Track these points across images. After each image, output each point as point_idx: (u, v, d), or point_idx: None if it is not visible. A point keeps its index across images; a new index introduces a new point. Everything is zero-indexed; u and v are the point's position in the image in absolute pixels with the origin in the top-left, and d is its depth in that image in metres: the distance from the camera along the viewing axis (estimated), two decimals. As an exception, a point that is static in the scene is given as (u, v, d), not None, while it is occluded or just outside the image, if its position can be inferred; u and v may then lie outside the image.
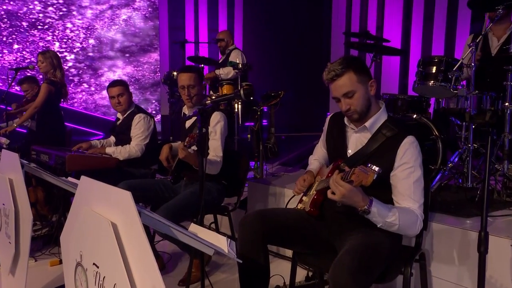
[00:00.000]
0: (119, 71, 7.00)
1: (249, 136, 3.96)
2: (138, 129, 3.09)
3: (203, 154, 1.83)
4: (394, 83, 6.33)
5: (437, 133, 2.76)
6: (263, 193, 3.13)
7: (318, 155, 2.11)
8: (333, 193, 1.54)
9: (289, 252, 2.76)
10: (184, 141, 2.25)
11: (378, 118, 1.75)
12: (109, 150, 3.05)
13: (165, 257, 2.86)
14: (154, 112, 7.36)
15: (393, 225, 1.61)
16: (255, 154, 3.93)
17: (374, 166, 1.43)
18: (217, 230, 2.87)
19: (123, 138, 3.18)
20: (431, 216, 2.24)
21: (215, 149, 2.48)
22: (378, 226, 1.61)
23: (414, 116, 2.88)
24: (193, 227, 1.39)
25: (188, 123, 2.67)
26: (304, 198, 1.93)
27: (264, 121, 4.38)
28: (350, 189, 1.51)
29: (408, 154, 1.66)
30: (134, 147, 3.07)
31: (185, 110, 2.69)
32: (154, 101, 7.27)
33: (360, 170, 1.45)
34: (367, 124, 1.75)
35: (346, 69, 1.67)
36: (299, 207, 1.92)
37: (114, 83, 3.17)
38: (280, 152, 4.07)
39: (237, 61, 4.02)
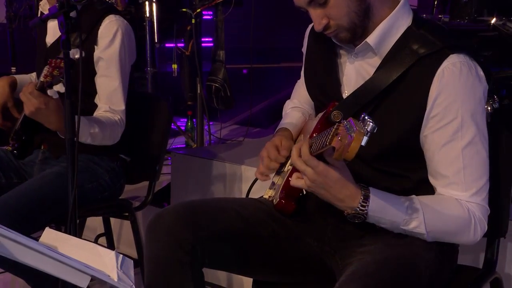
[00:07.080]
0: None
1: (174, 67, 4.00)
2: None
3: (74, 103, 1.79)
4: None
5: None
6: (203, 174, 3.17)
7: (300, 98, 2.17)
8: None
9: (247, 283, 2.81)
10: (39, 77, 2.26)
11: (393, 25, 1.75)
12: None
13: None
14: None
15: (417, 234, 1.68)
16: (187, 102, 3.99)
17: (369, 120, 1.42)
18: (110, 247, 2.88)
19: None
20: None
21: (109, 97, 2.53)
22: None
23: (493, 21, 2.94)
24: (49, 235, 1.39)
25: (50, 37, 2.67)
26: (275, 179, 1.97)
27: (205, 38, 4.37)
28: (323, 168, 1.56)
29: (449, 92, 1.66)
30: None
31: (42, 8, 2.66)
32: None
33: (345, 128, 1.44)
34: (370, 39, 1.75)
35: None
36: (266, 196, 1.96)
37: None
38: (237, 99, 4.11)
39: None
